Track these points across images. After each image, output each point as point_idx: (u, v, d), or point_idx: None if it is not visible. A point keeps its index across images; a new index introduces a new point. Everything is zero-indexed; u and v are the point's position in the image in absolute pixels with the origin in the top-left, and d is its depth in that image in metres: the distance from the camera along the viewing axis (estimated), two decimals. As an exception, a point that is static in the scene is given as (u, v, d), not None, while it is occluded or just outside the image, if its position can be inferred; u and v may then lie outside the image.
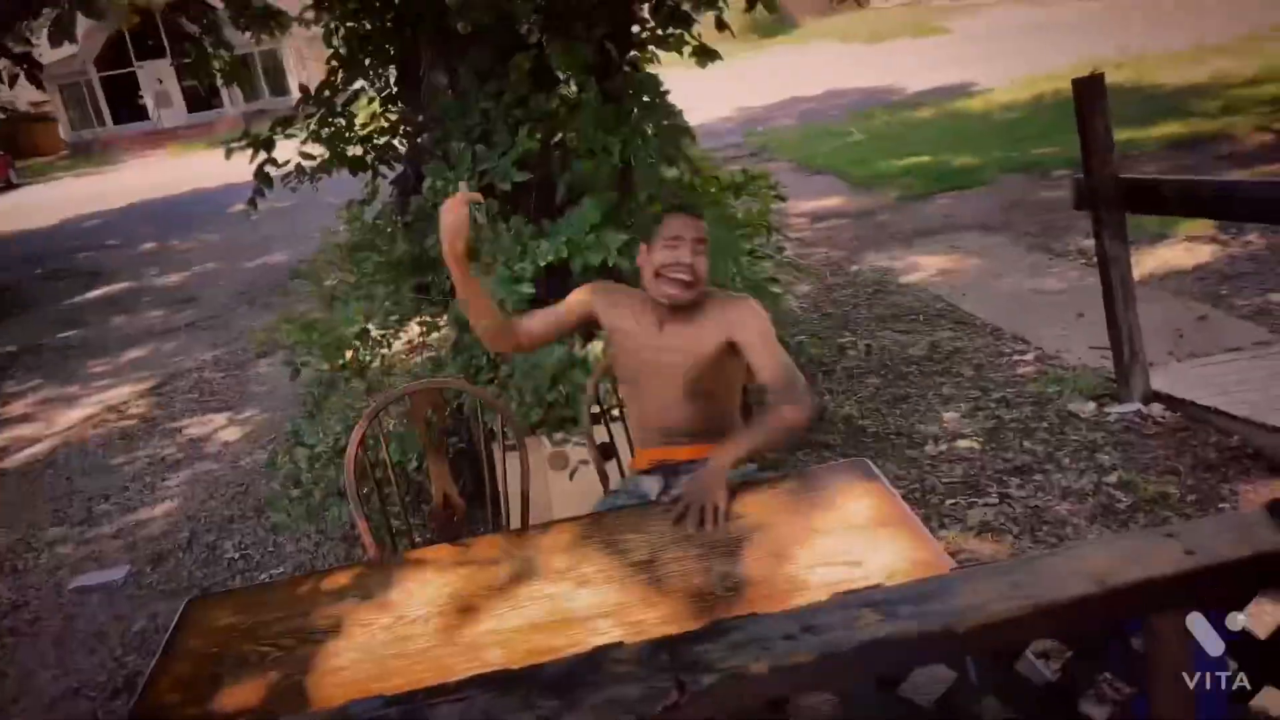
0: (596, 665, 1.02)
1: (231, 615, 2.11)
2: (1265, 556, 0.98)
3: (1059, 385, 4.21)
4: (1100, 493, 3.38)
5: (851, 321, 5.59)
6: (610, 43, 3.40)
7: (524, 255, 3.17)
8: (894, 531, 2.02)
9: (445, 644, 1.87)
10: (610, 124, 3.36)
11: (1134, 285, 3.89)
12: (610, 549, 2.12)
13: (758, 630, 1.03)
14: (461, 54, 3.44)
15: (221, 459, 5.14)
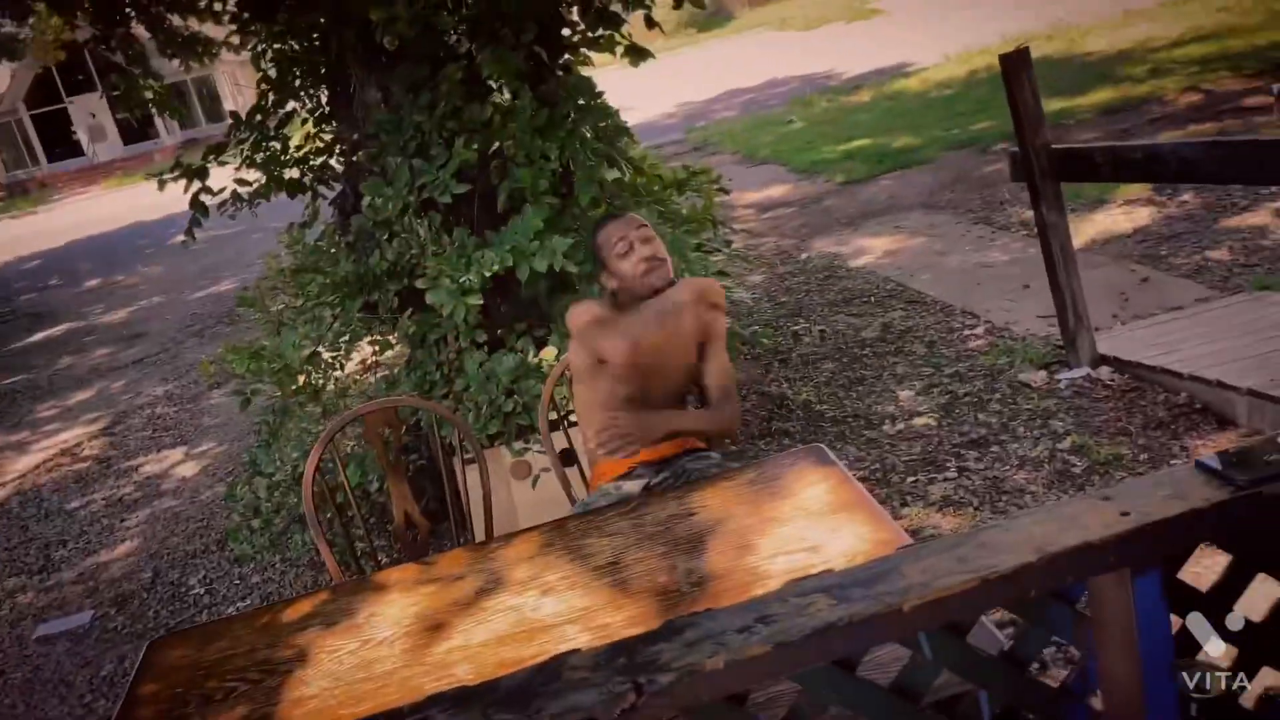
0: (554, 674, 1.02)
1: (195, 653, 2.08)
2: (1199, 511, 1.00)
3: (1009, 356, 4.28)
4: (1055, 459, 3.43)
5: (804, 308, 5.63)
6: (540, 48, 3.39)
7: (469, 267, 3.16)
8: (852, 515, 2.04)
9: (413, 664, 1.86)
10: (546, 129, 3.35)
11: (1074, 252, 3.96)
12: (574, 555, 2.12)
13: (712, 626, 1.04)
14: (391, 69, 3.41)
15: (180, 494, 5.06)
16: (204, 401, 6.59)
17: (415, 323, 3.36)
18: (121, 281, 11.92)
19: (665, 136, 13.29)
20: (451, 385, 3.44)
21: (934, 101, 10.99)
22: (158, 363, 7.88)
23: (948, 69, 12.86)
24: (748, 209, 8.49)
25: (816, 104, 12.85)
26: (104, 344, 8.95)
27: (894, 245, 6.43)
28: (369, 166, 3.47)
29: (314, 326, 3.37)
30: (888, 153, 9.00)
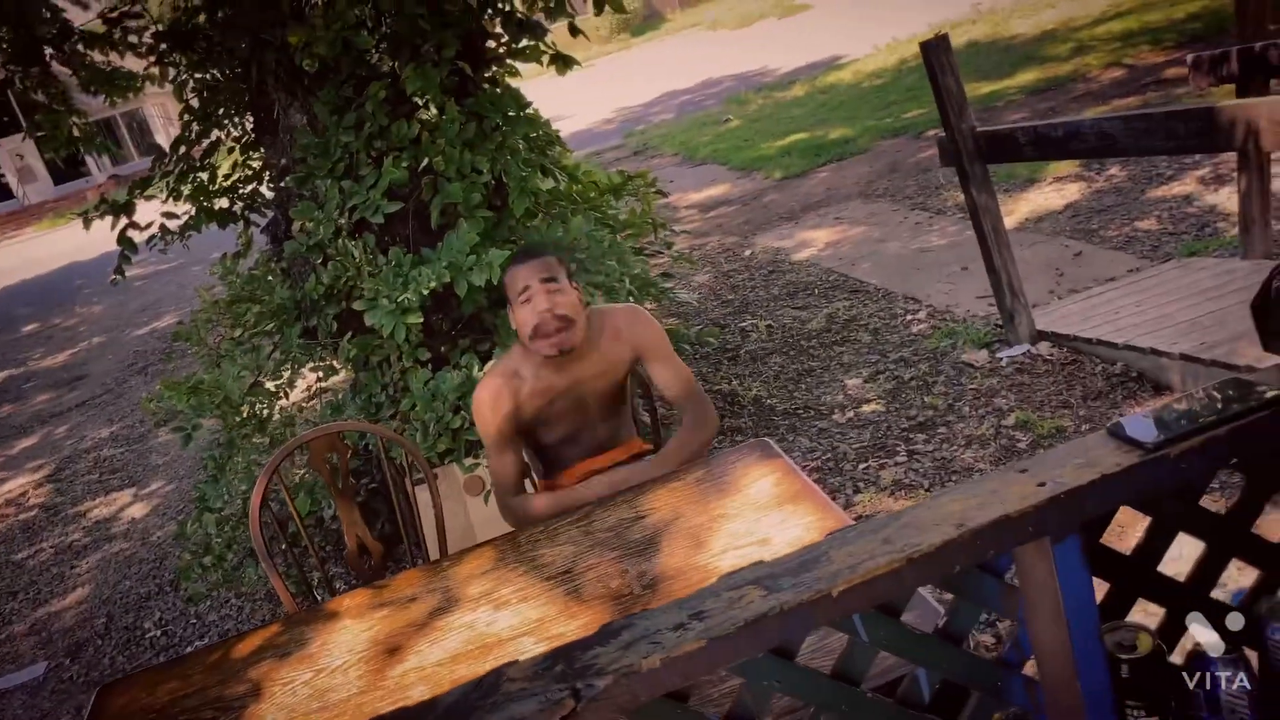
0: (492, 687, 1.01)
1: (146, 696, 2.04)
2: (1109, 477, 1.03)
3: (951, 338, 4.34)
4: (1001, 436, 3.49)
5: (751, 304, 5.67)
6: (463, 62, 3.38)
7: (406, 286, 3.14)
8: (798, 505, 2.06)
9: (369, 689, 1.85)
10: (476, 143, 3.34)
11: (1006, 232, 4.03)
12: (527, 567, 2.12)
13: (648, 626, 1.04)
14: (314, 91, 3.38)
15: (131, 537, 4.96)
16: (151, 440, 6.46)
17: (356, 345, 3.33)
18: (60, 324, 11.66)
19: (605, 142, 13.30)
20: (398, 406, 3.41)
21: (866, 92, 11.12)
22: (101, 404, 7.72)
23: (878, 59, 13.02)
24: (690, 209, 8.53)
25: (752, 101, 12.94)
26: (45, 389, 8.75)
27: (835, 236, 6.50)
28: (298, 191, 3.44)
29: (253, 356, 3.32)
30: (824, 145, 9.09)
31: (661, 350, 2.45)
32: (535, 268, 2.26)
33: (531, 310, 2.23)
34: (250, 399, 3.50)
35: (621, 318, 2.45)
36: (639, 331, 2.43)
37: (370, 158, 3.33)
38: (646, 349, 2.44)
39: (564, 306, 2.24)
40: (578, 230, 3.54)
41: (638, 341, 2.43)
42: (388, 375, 3.47)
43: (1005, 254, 3.99)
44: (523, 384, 2.36)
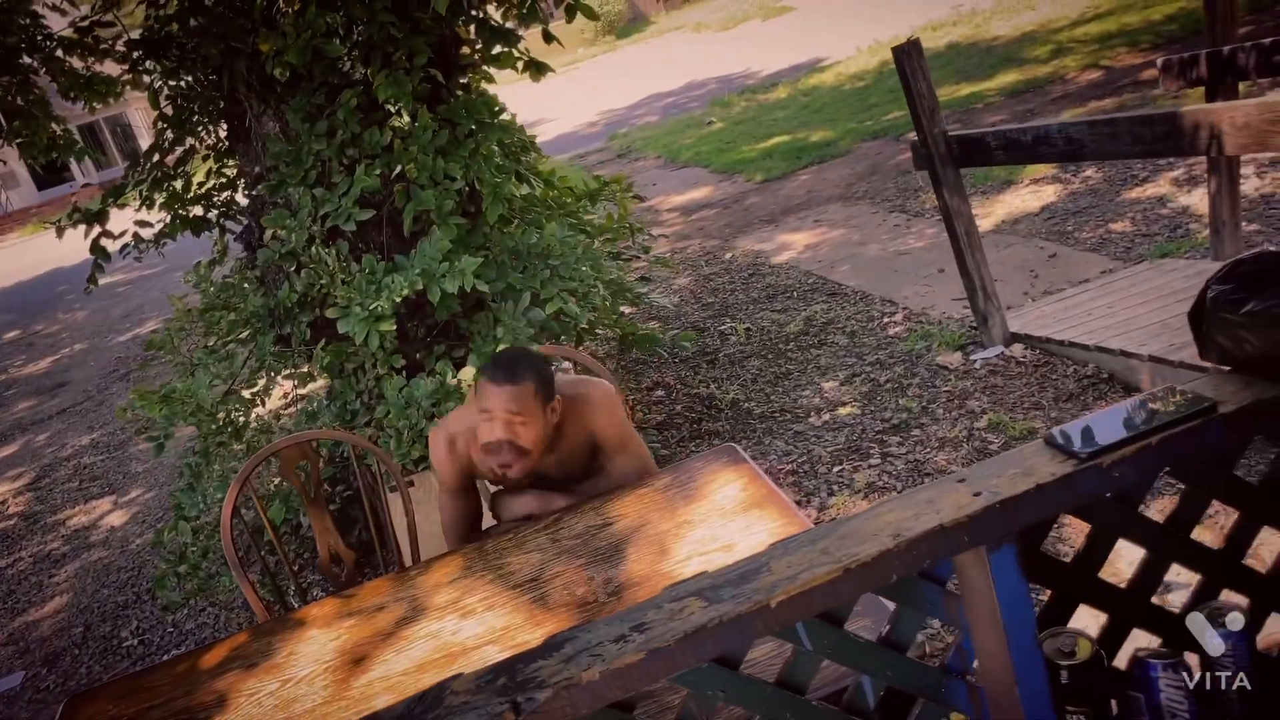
0: (435, 701, 1.02)
1: (113, 707, 2.04)
2: (1043, 486, 1.04)
3: (927, 341, 4.37)
4: (974, 438, 3.51)
5: (730, 307, 5.69)
6: (436, 69, 3.39)
7: (379, 293, 3.14)
8: (763, 511, 2.07)
9: (334, 699, 1.85)
10: (448, 150, 3.35)
11: (979, 235, 4.06)
12: (494, 575, 2.13)
13: (590, 638, 1.06)
14: (287, 99, 3.38)
15: (110, 545, 4.95)
16: (131, 448, 6.44)
17: (330, 353, 3.33)
18: (42, 330, 11.59)
19: (588, 145, 13.31)
20: (373, 413, 3.41)
21: (848, 94, 11.16)
22: (82, 412, 7.68)
23: (860, 61, 13.06)
24: (672, 212, 8.54)
25: (735, 104, 12.97)
26: (26, 396, 8.71)
27: (814, 239, 6.52)
28: (271, 199, 3.44)
29: (227, 365, 3.32)
30: (805, 147, 9.12)
31: (615, 441, 2.33)
32: (505, 397, 2.11)
33: (489, 430, 2.15)
34: (225, 407, 3.49)
35: (585, 405, 2.30)
36: (595, 422, 2.31)
37: (343, 165, 3.33)
38: (602, 441, 2.33)
39: (524, 439, 2.14)
40: (551, 236, 3.54)
41: (589, 428, 2.31)
42: (362, 382, 3.47)
43: (978, 257, 4.01)
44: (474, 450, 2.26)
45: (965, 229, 3.99)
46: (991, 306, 4.06)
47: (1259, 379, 1.10)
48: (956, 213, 3.98)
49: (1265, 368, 1.09)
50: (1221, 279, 1.13)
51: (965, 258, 4.01)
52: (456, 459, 2.31)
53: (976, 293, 4.03)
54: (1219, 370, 1.16)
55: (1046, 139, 3.31)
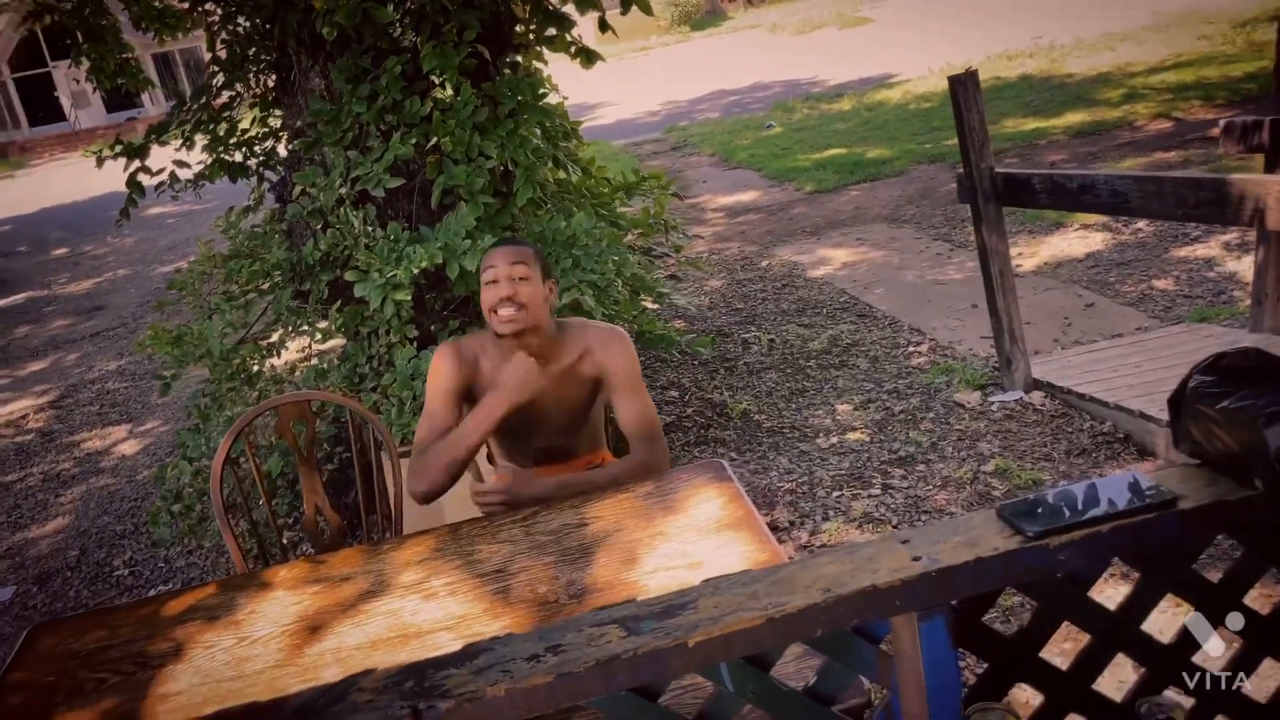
0: (340, 694, 1.02)
1: (74, 641, 2.07)
2: (984, 560, 1.01)
3: (948, 375, 4.30)
4: (978, 481, 3.46)
5: (758, 316, 5.64)
6: (484, 45, 3.38)
7: (398, 262, 3.15)
8: (737, 533, 2.05)
9: (284, 665, 1.86)
10: (487, 127, 3.34)
11: (1013, 276, 3.98)
12: (462, 560, 2.12)
13: (505, 652, 1.04)
14: (333, 58, 3.39)
15: (118, 473, 5.03)
16: (154, 381, 6.54)
17: (345, 314, 3.34)
18: (89, 251, 11.81)
19: (646, 134, 13.28)
20: (380, 379, 3.42)
21: (912, 114, 11.03)
22: (114, 337, 7.81)
23: (930, 82, 12.89)
24: (717, 212, 8.50)
25: (798, 110, 12.87)
26: (64, 315, 8.88)
27: (854, 257, 6.45)
28: (306, 155, 3.46)
29: (243, 313, 3.35)
30: (860, 163, 9.02)
31: (627, 382, 2.38)
32: (507, 254, 2.28)
33: (494, 291, 2.26)
34: (240, 354, 3.52)
35: (595, 338, 2.39)
36: (609, 357, 2.37)
37: (380, 130, 3.34)
38: (611, 376, 2.38)
39: (523, 294, 2.26)
40: (578, 225, 3.53)
41: (604, 366, 2.37)
42: (374, 348, 3.49)
43: (1009, 298, 3.94)
44: (484, 363, 2.38)
45: (1000, 268, 3.92)
46: (1016, 350, 3.99)
47: (1225, 477, 1.06)
48: (993, 251, 3.91)
49: (1233, 467, 1.05)
50: (1204, 369, 1.09)
51: (996, 297, 3.94)
52: (461, 367, 2.37)
53: (1003, 334, 3.97)
54: (1188, 463, 1.12)
55: (1092, 189, 3.23)
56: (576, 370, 2.39)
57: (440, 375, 2.39)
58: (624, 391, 2.39)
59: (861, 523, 3.34)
